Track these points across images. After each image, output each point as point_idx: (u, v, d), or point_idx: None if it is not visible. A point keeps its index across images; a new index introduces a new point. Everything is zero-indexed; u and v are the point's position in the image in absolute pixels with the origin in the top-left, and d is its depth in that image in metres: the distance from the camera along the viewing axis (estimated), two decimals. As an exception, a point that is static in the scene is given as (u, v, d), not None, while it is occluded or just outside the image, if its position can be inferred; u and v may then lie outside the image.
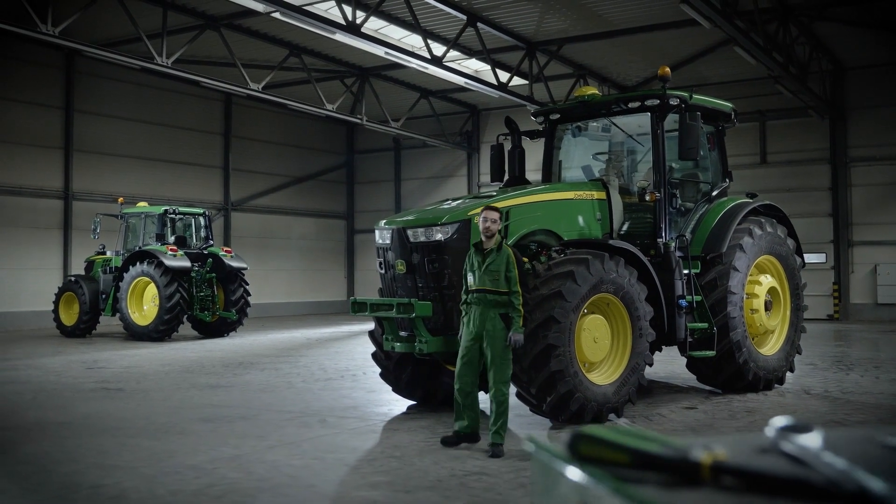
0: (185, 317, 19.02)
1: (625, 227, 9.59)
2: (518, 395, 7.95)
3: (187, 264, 18.66)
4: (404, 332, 8.35)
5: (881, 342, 17.63)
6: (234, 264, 19.66)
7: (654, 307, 8.64)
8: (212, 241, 20.54)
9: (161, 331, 18.30)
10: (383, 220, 8.76)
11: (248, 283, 20.09)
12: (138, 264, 18.62)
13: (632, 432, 0.93)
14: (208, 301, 19.37)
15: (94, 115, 24.20)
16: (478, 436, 7.02)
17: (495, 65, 21.85)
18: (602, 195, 9.36)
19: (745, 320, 9.78)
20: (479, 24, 19.71)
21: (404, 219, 8.52)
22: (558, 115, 10.39)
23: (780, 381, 10.34)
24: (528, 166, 10.87)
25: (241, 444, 7.29)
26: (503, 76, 22.08)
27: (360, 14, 17.32)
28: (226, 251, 20.05)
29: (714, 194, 10.26)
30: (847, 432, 0.97)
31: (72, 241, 23.49)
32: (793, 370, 10.72)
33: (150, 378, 12.05)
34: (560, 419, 7.95)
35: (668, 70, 9.33)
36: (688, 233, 9.73)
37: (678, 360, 11.12)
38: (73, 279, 20.00)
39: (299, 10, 16.01)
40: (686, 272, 9.36)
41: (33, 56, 22.30)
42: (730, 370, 9.70)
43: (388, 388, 9.58)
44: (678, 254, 9.37)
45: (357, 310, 8.43)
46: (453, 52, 20.87)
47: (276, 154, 30.00)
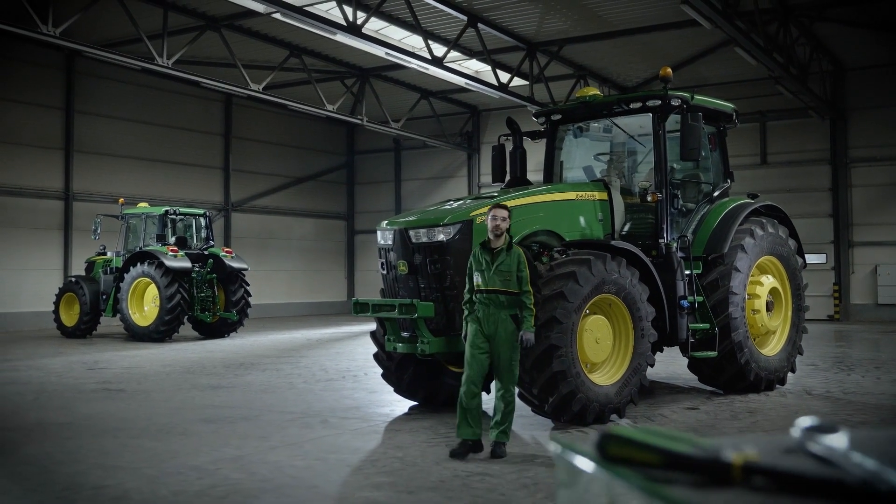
0: (186, 317, 19.01)
1: (626, 228, 9.59)
2: (520, 395, 7.94)
3: (188, 265, 18.66)
4: (406, 333, 8.34)
5: (882, 343, 17.63)
6: (235, 265, 19.66)
7: (656, 308, 8.64)
8: (212, 242, 20.55)
9: (162, 331, 18.30)
10: (385, 221, 8.75)
11: (248, 284, 20.09)
12: (139, 265, 18.62)
13: (659, 433, 0.93)
14: (209, 302, 19.37)
15: (94, 116, 24.19)
16: (481, 444, 6.77)
17: (496, 65, 21.85)
18: (604, 196, 9.36)
19: (746, 321, 9.78)
20: (480, 25, 19.71)
21: (406, 219, 8.51)
22: (560, 116, 10.39)
23: (782, 381, 10.34)
24: (528, 167, 10.88)
25: (243, 444, 7.29)
26: (504, 77, 22.08)
27: (360, 15, 17.32)
28: (226, 252, 20.05)
29: (715, 195, 10.26)
30: (873, 433, 0.97)
31: (72, 241, 23.48)
32: (794, 371, 10.71)
33: (151, 379, 12.04)
34: (562, 420, 7.95)
35: (669, 71, 9.33)
36: (689, 233, 9.73)
37: (679, 361, 11.12)
38: (73, 280, 20.00)
39: (300, 11, 16.01)
40: (688, 273, 9.36)
41: (34, 57, 22.29)
42: (731, 371, 9.70)
43: (390, 389, 9.58)
44: (680, 254, 9.37)
45: (359, 310, 8.43)
46: (454, 53, 20.86)
47: (277, 155, 30.00)
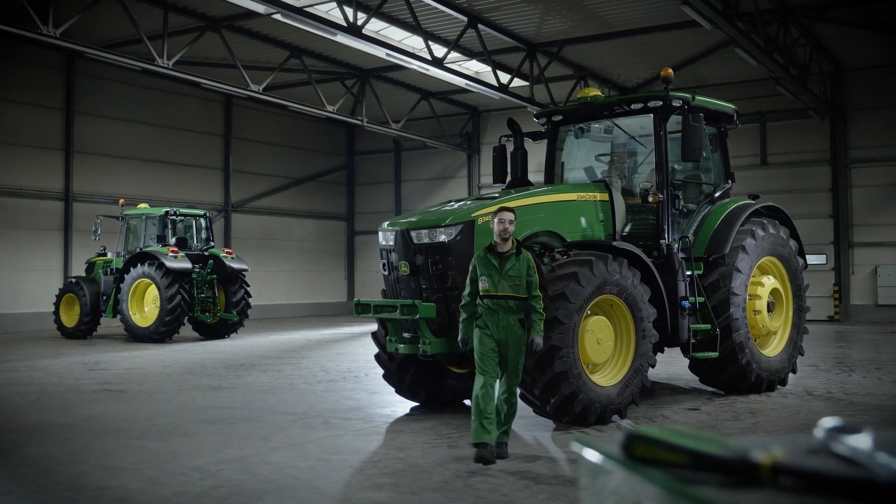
0: (186, 318, 19.02)
1: (627, 229, 9.59)
2: (521, 396, 7.93)
3: (188, 266, 18.66)
4: (408, 334, 8.34)
5: (882, 343, 17.64)
6: (235, 266, 19.66)
7: (657, 308, 8.64)
8: (213, 243, 20.55)
9: (162, 332, 18.30)
10: (387, 222, 8.75)
11: (248, 285, 20.09)
12: (139, 266, 18.62)
13: (685, 433, 0.93)
14: (209, 302, 19.36)
15: (94, 117, 24.19)
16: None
17: (496, 66, 21.85)
18: (605, 196, 9.36)
19: (747, 321, 9.78)
20: (480, 26, 19.72)
21: (408, 220, 8.51)
22: (561, 117, 10.39)
23: (783, 382, 10.34)
24: (529, 167, 10.88)
25: (244, 445, 7.28)
26: (504, 77, 22.08)
27: (361, 15, 17.31)
28: (227, 253, 20.04)
29: (716, 196, 10.26)
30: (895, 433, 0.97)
31: (72, 242, 23.47)
32: (795, 371, 10.71)
33: (151, 379, 12.04)
34: (563, 420, 7.94)
35: (670, 72, 9.33)
36: (690, 234, 9.73)
37: (680, 362, 11.11)
38: (73, 281, 20.00)
39: (300, 12, 16.01)
40: (689, 273, 9.36)
41: (34, 57, 22.29)
42: (732, 371, 9.70)
43: (391, 390, 9.58)
44: (681, 255, 9.37)
45: (361, 311, 8.43)
46: (454, 54, 20.85)
47: (277, 155, 29.99)
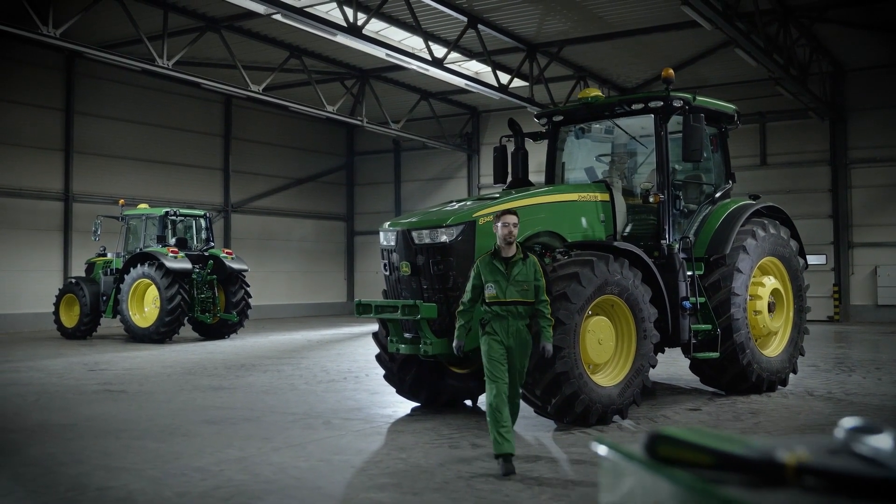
0: (186, 318, 19.01)
1: (628, 229, 9.59)
2: (522, 396, 7.93)
3: (188, 266, 18.65)
4: (409, 334, 8.34)
5: (882, 344, 17.64)
6: (235, 266, 19.65)
7: (658, 309, 8.64)
8: (213, 243, 20.54)
9: (162, 333, 18.29)
10: (388, 222, 8.75)
11: (248, 285, 20.09)
12: (139, 266, 18.61)
13: (707, 433, 0.93)
14: (209, 303, 19.36)
15: (94, 117, 24.18)
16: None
17: (496, 66, 21.85)
18: (605, 197, 9.36)
19: (748, 322, 9.79)
20: (480, 26, 19.72)
21: (409, 220, 8.51)
22: (561, 117, 10.39)
23: (784, 382, 10.35)
24: (530, 168, 10.88)
25: (246, 445, 7.28)
26: (504, 78, 22.08)
27: (361, 16, 17.31)
28: (227, 253, 20.04)
29: (717, 196, 10.26)
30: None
31: (72, 242, 23.46)
32: (796, 372, 10.71)
33: (152, 380, 12.04)
34: (565, 420, 7.94)
35: (671, 72, 9.33)
36: (691, 234, 9.73)
37: (680, 362, 11.12)
38: (73, 281, 19.99)
39: (300, 12, 16.01)
40: (689, 274, 9.37)
41: (34, 58, 22.28)
42: (733, 372, 9.71)
43: (391, 390, 9.58)
44: (682, 255, 9.38)
45: (362, 311, 8.42)
46: (454, 54, 20.85)
47: (276, 156, 30.00)
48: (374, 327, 9.52)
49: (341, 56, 23.22)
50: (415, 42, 20.50)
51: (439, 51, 20.02)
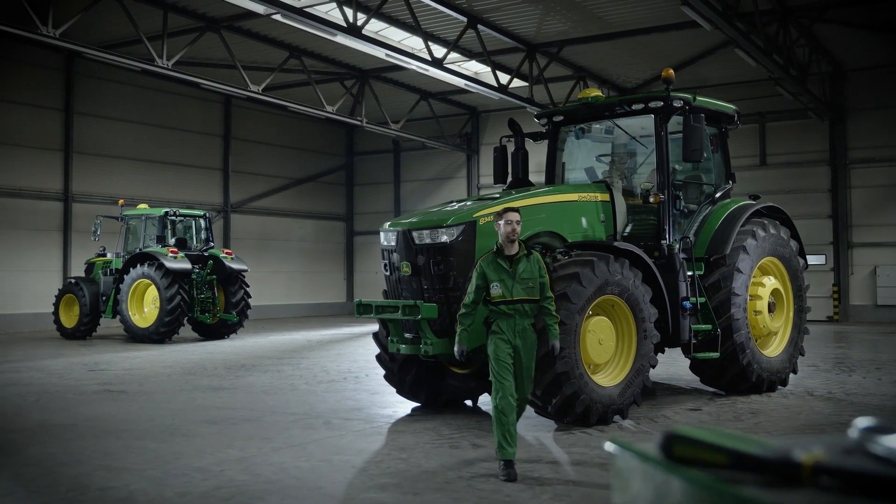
0: (186, 319, 19.00)
1: (628, 229, 9.59)
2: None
3: (188, 266, 18.65)
4: (409, 334, 8.34)
5: (881, 344, 17.65)
6: (235, 266, 19.65)
7: (659, 309, 8.64)
8: (212, 243, 20.54)
9: (162, 333, 18.28)
10: (388, 223, 8.75)
11: (248, 285, 20.08)
12: (139, 266, 18.61)
13: (722, 433, 0.93)
14: (209, 303, 19.36)
15: (94, 117, 24.17)
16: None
17: (495, 67, 21.85)
18: (606, 197, 9.36)
19: (748, 322, 9.79)
20: (480, 26, 19.72)
21: (409, 221, 8.51)
22: (562, 117, 10.39)
23: (784, 382, 10.35)
24: (530, 168, 10.88)
25: (246, 446, 7.28)
26: (503, 78, 22.09)
27: (360, 16, 17.32)
28: (226, 253, 20.04)
29: (717, 196, 10.27)
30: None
31: (72, 243, 23.45)
32: (796, 372, 10.72)
33: (152, 380, 12.03)
34: (565, 421, 7.94)
35: (672, 72, 9.33)
36: (691, 234, 9.73)
37: (680, 362, 11.12)
38: (73, 281, 19.99)
39: (300, 12, 16.00)
40: (690, 274, 9.37)
41: (33, 58, 22.27)
42: (733, 372, 9.71)
43: (391, 390, 9.58)
44: (682, 255, 9.38)
45: (362, 312, 8.42)
46: (453, 54, 20.85)
47: (276, 156, 30.00)
48: (374, 327, 9.52)
49: (341, 56, 23.22)
50: (414, 42, 20.50)
51: (439, 51, 20.02)
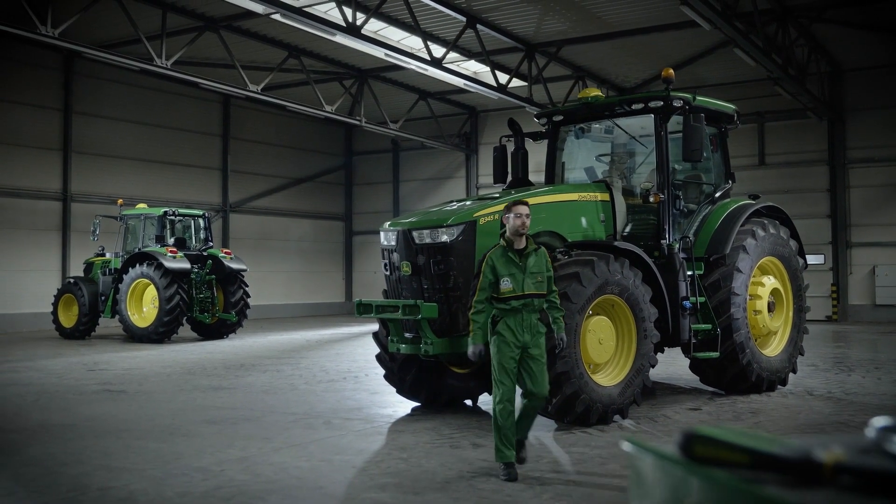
0: (185, 318, 18.99)
1: (628, 229, 9.59)
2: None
3: (187, 266, 18.64)
4: (409, 334, 8.33)
5: (880, 343, 17.66)
6: (234, 266, 19.64)
7: (659, 308, 8.65)
8: (211, 243, 20.53)
9: (161, 332, 18.27)
10: (388, 222, 8.75)
11: (247, 285, 20.07)
12: (138, 266, 18.60)
13: (741, 432, 0.93)
14: (208, 303, 19.35)
15: (92, 117, 24.16)
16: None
17: (494, 66, 21.85)
18: (605, 196, 9.36)
19: (748, 321, 9.79)
20: (479, 26, 19.71)
21: (410, 220, 8.51)
22: (561, 117, 10.39)
23: (783, 382, 10.35)
24: (530, 168, 10.88)
25: (247, 445, 7.28)
26: (502, 78, 22.08)
27: (360, 16, 17.32)
28: (225, 253, 20.03)
29: (717, 196, 10.27)
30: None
31: (71, 242, 23.44)
32: (795, 371, 10.72)
33: (151, 380, 12.03)
34: (565, 420, 7.94)
35: (671, 72, 9.33)
36: (691, 234, 9.73)
37: (680, 361, 11.13)
38: (72, 281, 19.97)
39: (299, 12, 15.99)
40: (690, 273, 9.37)
41: (32, 58, 22.25)
42: (733, 371, 9.71)
43: (391, 390, 9.58)
44: (682, 255, 9.38)
45: (363, 311, 8.42)
46: (453, 54, 20.86)
47: (275, 156, 29.99)
48: (373, 327, 9.52)
49: (340, 56, 23.21)
50: (413, 42, 20.49)
51: (438, 51, 20.01)
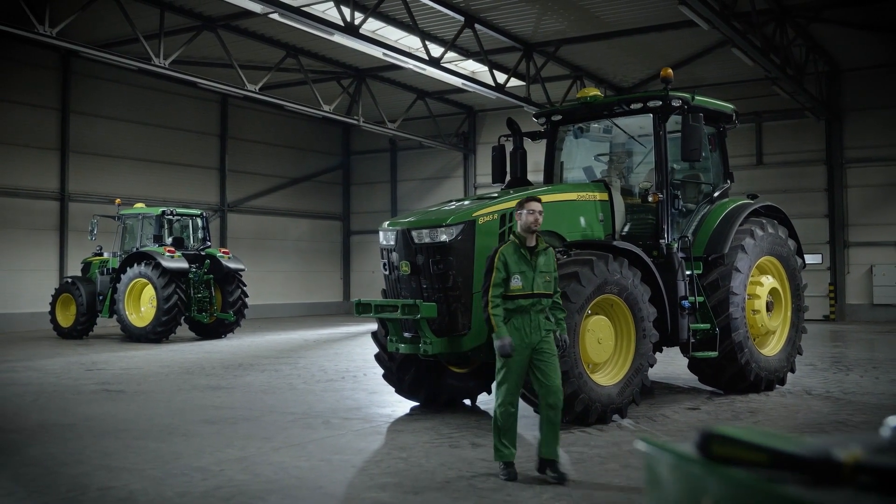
0: (183, 318, 18.98)
1: (627, 228, 9.59)
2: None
3: (185, 265, 18.63)
4: (408, 334, 8.33)
5: (878, 343, 17.69)
6: (232, 265, 19.62)
7: (657, 308, 8.65)
8: (209, 243, 20.52)
9: (159, 332, 18.25)
10: (387, 222, 8.74)
11: (245, 285, 20.06)
12: (136, 265, 18.58)
13: (759, 431, 0.93)
14: (206, 302, 19.33)
15: (90, 117, 24.13)
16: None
17: (492, 66, 21.86)
18: (604, 196, 9.36)
19: (746, 321, 9.80)
20: (477, 26, 19.72)
21: (409, 220, 8.51)
22: (560, 117, 10.39)
23: (782, 381, 10.37)
24: (528, 167, 10.87)
25: (246, 445, 7.28)
26: (500, 77, 22.10)
27: (358, 15, 17.31)
28: (223, 252, 20.02)
29: (715, 195, 10.28)
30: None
31: (68, 242, 23.41)
32: (794, 371, 10.74)
33: (150, 380, 12.02)
34: (564, 420, 7.90)
35: (670, 72, 9.33)
36: (690, 234, 9.74)
37: (678, 361, 11.14)
38: (69, 281, 19.95)
39: (297, 11, 15.99)
40: (688, 273, 9.38)
41: (30, 57, 22.23)
42: (732, 371, 9.72)
43: (390, 390, 9.58)
44: (680, 255, 9.39)
45: (362, 311, 8.41)
46: (451, 54, 20.87)
47: (273, 155, 29.97)
48: (371, 327, 9.51)
49: (338, 55, 23.21)
50: (411, 41, 20.50)
51: (436, 50, 20.01)
